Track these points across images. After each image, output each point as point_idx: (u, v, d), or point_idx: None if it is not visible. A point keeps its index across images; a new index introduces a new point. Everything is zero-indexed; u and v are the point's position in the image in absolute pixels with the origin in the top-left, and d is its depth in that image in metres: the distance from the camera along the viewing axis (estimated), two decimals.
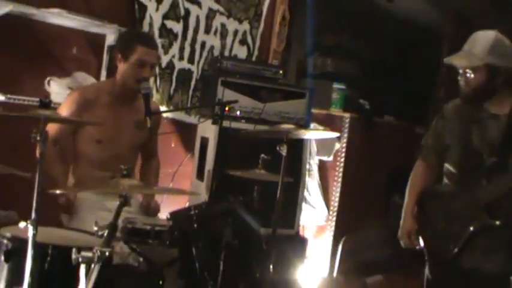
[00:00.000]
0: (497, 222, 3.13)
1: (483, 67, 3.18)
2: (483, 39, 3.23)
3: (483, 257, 3.20)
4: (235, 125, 4.51)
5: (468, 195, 3.24)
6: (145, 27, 4.66)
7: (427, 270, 3.46)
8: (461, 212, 3.25)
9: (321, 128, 5.47)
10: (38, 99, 2.66)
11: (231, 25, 5.43)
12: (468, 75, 3.23)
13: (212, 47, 5.28)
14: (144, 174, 4.04)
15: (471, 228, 3.20)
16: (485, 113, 3.28)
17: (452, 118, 3.39)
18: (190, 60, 5.11)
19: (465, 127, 3.31)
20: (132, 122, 3.79)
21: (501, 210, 3.15)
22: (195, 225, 3.06)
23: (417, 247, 3.45)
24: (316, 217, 5.60)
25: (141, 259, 3.28)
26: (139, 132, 3.85)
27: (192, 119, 5.11)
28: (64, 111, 3.58)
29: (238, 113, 4.63)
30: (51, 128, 3.44)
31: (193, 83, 5.16)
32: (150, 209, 3.80)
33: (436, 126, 3.48)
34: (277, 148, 3.48)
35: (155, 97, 4.78)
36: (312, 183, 5.56)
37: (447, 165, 3.42)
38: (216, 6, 5.26)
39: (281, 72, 5.05)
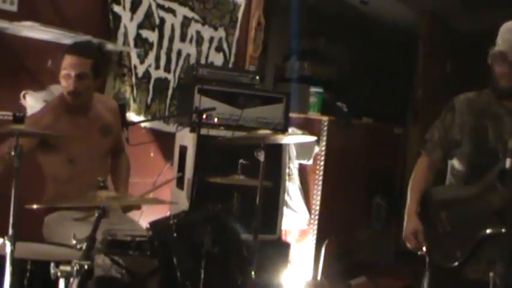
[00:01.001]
0: (503, 230, 2.83)
1: None
2: None
3: (488, 266, 2.82)
4: (213, 132, 4.52)
5: (479, 198, 3.00)
6: (120, 37, 4.64)
7: (426, 279, 3.21)
8: (471, 216, 3.02)
9: (299, 132, 5.48)
10: (11, 113, 2.64)
11: (207, 32, 5.42)
12: None
13: (188, 55, 5.27)
14: (115, 171, 3.99)
15: (481, 234, 2.96)
16: (504, 109, 3.06)
17: (464, 111, 3.14)
18: (167, 69, 5.10)
19: (479, 122, 3.08)
20: (97, 130, 3.73)
21: (509, 217, 2.79)
22: (175, 234, 3.05)
23: (423, 250, 3.16)
24: (298, 221, 5.60)
25: (123, 271, 3.27)
26: (108, 137, 3.81)
27: (170, 127, 5.09)
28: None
29: (216, 120, 4.63)
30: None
31: (170, 91, 5.14)
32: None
33: (445, 119, 3.22)
34: (255, 154, 3.49)
35: (132, 107, 4.77)
36: (292, 188, 5.56)
37: (455, 163, 3.21)
38: (190, 14, 5.25)
39: (258, 77, 5.05)
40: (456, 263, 3.03)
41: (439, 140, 3.23)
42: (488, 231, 2.95)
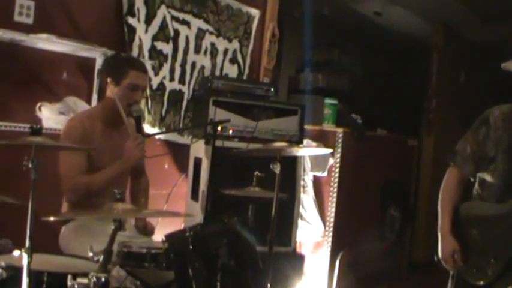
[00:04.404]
0: None
1: None
2: None
3: None
4: (228, 144, 4.52)
5: None
6: (135, 50, 4.66)
7: None
8: (503, 234, 2.97)
9: (314, 144, 5.47)
10: (29, 125, 2.65)
11: (221, 44, 5.43)
12: None
13: (203, 67, 5.28)
14: (135, 193, 4.02)
15: None
16: None
17: (500, 127, 3.05)
18: (181, 81, 5.11)
19: None
20: (123, 148, 3.77)
21: None
22: (191, 247, 3.04)
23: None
24: (312, 233, 5.59)
25: (138, 282, 3.27)
26: None
27: (184, 139, 5.10)
28: (66, 141, 3.56)
29: (230, 132, 4.64)
30: (73, 164, 3.49)
31: (184, 103, 5.15)
32: (147, 230, 3.79)
33: (478, 134, 3.12)
34: (271, 166, 3.48)
35: (147, 119, 4.78)
36: (307, 199, 5.55)
37: (486, 177, 3.13)
38: (205, 26, 5.27)
39: (272, 89, 5.05)
40: (486, 281, 2.98)
41: (471, 154, 3.15)
42: None
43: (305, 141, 5.25)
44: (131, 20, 4.63)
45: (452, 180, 3.22)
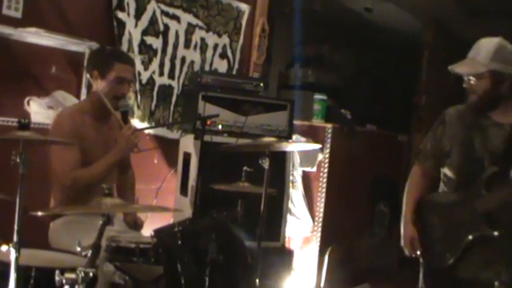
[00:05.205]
0: (496, 233, 3.07)
1: (487, 74, 3.13)
2: (487, 45, 3.17)
3: (481, 267, 3.15)
4: (217, 139, 4.51)
5: (467, 204, 3.18)
6: (125, 44, 4.64)
7: (421, 281, 3.41)
8: (460, 221, 3.20)
9: (303, 139, 5.47)
10: (17, 120, 2.64)
11: (211, 39, 5.43)
12: (472, 82, 3.18)
13: (192, 62, 5.27)
14: (122, 187, 4.00)
15: (469, 238, 3.15)
16: (489, 120, 3.23)
17: (454, 124, 3.33)
18: (171, 76, 5.10)
19: (467, 134, 3.26)
20: (113, 140, 3.77)
21: (500, 220, 3.09)
22: (180, 242, 3.03)
23: (417, 253, 3.36)
24: (301, 228, 5.59)
25: (126, 277, 3.27)
26: None
27: (174, 134, 5.09)
28: (57, 136, 3.55)
29: (220, 127, 4.63)
30: (66, 159, 3.46)
31: (174, 98, 5.14)
32: (137, 225, 3.79)
33: (436, 132, 3.40)
34: (260, 161, 3.49)
35: (136, 113, 4.77)
36: (296, 195, 5.55)
37: (446, 171, 3.37)
38: (195, 21, 5.25)
39: (262, 84, 5.05)
40: (447, 264, 3.22)
41: (431, 150, 3.42)
42: (475, 234, 3.14)
43: (294, 137, 5.25)
44: (121, 15, 4.62)
45: (415, 175, 3.50)
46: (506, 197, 3.08)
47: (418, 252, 3.34)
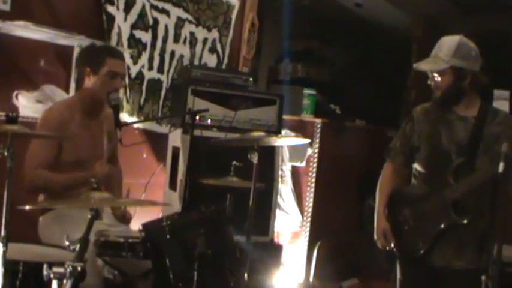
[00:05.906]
0: (465, 221, 3.19)
1: (449, 70, 3.26)
2: (448, 42, 3.32)
3: (453, 255, 3.27)
4: (206, 133, 4.52)
5: (436, 194, 3.30)
6: (114, 38, 4.63)
7: (398, 272, 3.51)
8: (430, 211, 3.31)
9: (292, 134, 5.48)
10: (5, 113, 2.63)
11: (200, 33, 5.42)
12: (436, 79, 3.31)
13: (182, 56, 5.26)
14: (108, 183, 3.98)
15: (440, 227, 3.26)
16: (454, 115, 3.36)
17: (421, 120, 3.45)
18: (160, 70, 5.09)
19: (434, 129, 3.39)
20: (104, 136, 3.76)
21: (468, 208, 3.22)
22: (168, 236, 3.04)
23: (391, 246, 3.47)
24: (290, 223, 5.60)
25: (115, 272, 3.27)
26: (111, 144, 3.84)
27: (163, 128, 5.08)
28: (44, 131, 3.54)
29: (209, 121, 4.64)
30: (38, 155, 3.44)
31: (163, 92, 5.13)
32: (125, 218, 3.79)
33: (405, 129, 3.53)
34: (249, 156, 3.49)
35: (125, 108, 4.76)
36: (285, 189, 5.56)
37: (416, 166, 3.48)
38: (184, 15, 5.24)
39: (251, 79, 5.05)
40: (420, 254, 3.32)
41: (401, 147, 3.54)
42: (446, 223, 3.25)
43: (283, 131, 5.26)
44: (110, 8, 4.60)
45: (387, 171, 3.61)
46: (471, 184, 3.19)
47: (392, 245, 3.44)
